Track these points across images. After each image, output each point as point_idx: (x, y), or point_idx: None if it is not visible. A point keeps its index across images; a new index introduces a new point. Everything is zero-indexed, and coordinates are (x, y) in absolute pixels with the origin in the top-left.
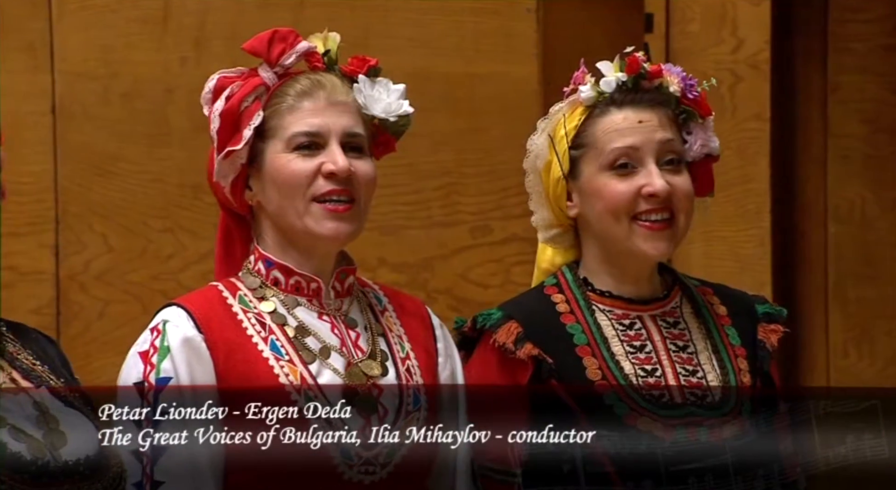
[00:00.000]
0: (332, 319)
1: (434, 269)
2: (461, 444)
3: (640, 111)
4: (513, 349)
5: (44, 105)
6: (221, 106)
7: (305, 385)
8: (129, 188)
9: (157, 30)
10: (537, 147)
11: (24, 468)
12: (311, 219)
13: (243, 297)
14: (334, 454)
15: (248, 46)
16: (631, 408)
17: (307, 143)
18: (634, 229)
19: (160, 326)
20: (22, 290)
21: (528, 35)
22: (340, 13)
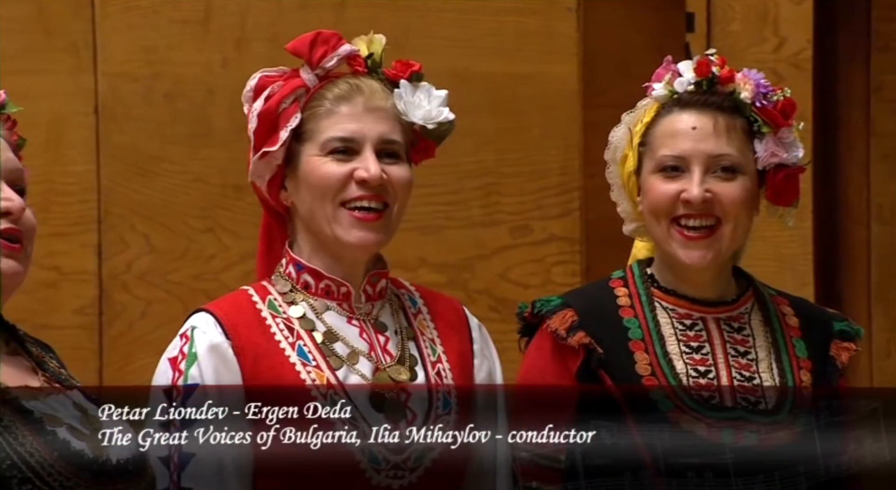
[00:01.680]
0: (361, 324)
1: (474, 269)
2: (500, 445)
3: (698, 116)
4: (564, 336)
5: (87, 106)
6: (260, 106)
7: (331, 389)
8: (171, 188)
9: (199, 31)
10: (617, 139)
11: (87, 466)
12: (339, 226)
13: (273, 302)
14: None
15: (291, 47)
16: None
17: (342, 148)
18: (672, 234)
19: (188, 332)
20: (65, 289)
21: (569, 35)
22: (381, 13)
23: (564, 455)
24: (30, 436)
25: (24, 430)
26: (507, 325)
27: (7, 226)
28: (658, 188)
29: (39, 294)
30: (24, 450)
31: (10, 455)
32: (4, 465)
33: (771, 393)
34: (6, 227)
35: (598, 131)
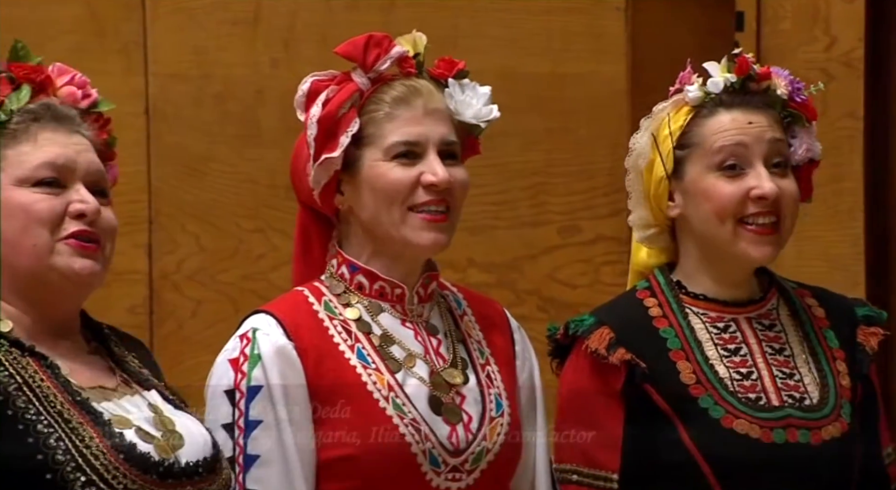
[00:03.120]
0: (415, 326)
1: (522, 269)
2: (541, 445)
3: (749, 113)
4: (605, 354)
5: (138, 106)
6: (319, 112)
7: (392, 391)
8: (221, 189)
9: (248, 31)
10: (640, 146)
11: (153, 469)
12: (408, 229)
13: (328, 304)
14: (422, 461)
15: (343, 50)
16: (727, 411)
17: (406, 152)
18: (740, 233)
19: (250, 334)
20: (117, 289)
21: (617, 34)
22: (429, 14)
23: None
24: (97, 438)
25: (92, 432)
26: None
27: (81, 227)
28: (723, 189)
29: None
30: (90, 452)
31: (75, 457)
32: (69, 468)
33: (814, 388)
34: (79, 229)
35: None
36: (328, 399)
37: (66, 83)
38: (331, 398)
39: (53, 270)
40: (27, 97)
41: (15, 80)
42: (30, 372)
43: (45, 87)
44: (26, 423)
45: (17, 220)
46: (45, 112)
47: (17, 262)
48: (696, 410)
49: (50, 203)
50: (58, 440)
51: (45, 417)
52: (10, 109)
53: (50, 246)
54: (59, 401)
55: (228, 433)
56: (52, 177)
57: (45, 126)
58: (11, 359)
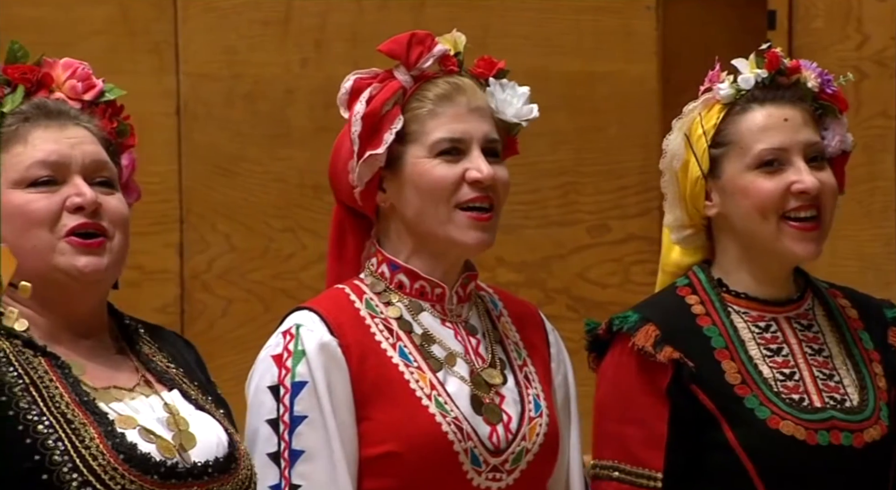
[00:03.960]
0: (454, 326)
1: (552, 268)
2: (574, 445)
3: (783, 108)
4: (652, 352)
5: (169, 106)
6: (363, 109)
7: (434, 390)
8: (251, 188)
9: (279, 31)
10: (673, 147)
11: (154, 469)
12: (454, 227)
13: (370, 302)
14: (464, 460)
15: (386, 48)
16: (773, 411)
17: (450, 149)
18: (783, 229)
19: (293, 330)
20: (148, 288)
21: (648, 33)
22: (460, 13)
23: (662, 473)
24: (98, 439)
25: (94, 433)
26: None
27: (80, 221)
28: (763, 185)
29: (122, 293)
30: (89, 453)
31: (73, 458)
32: (65, 468)
33: (854, 390)
34: (79, 223)
35: None
36: (371, 396)
37: (68, 77)
38: (374, 395)
39: (58, 270)
40: (20, 98)
41: (10, 82)
42: (39, 372)
43: (44, 85)
44: (26, 423)
45: (15, 223)
46: (35, 111)
47: (22, 265)
48: (741, 411)
49: (45, 201)
50: (57, 441)
51: (46, 418)
52: (2, 112)
53: (51, 245)
54: (64, 401)
55: (272, 428)
56: (46, 175)
57: (37, 124)
58: (23, 359)
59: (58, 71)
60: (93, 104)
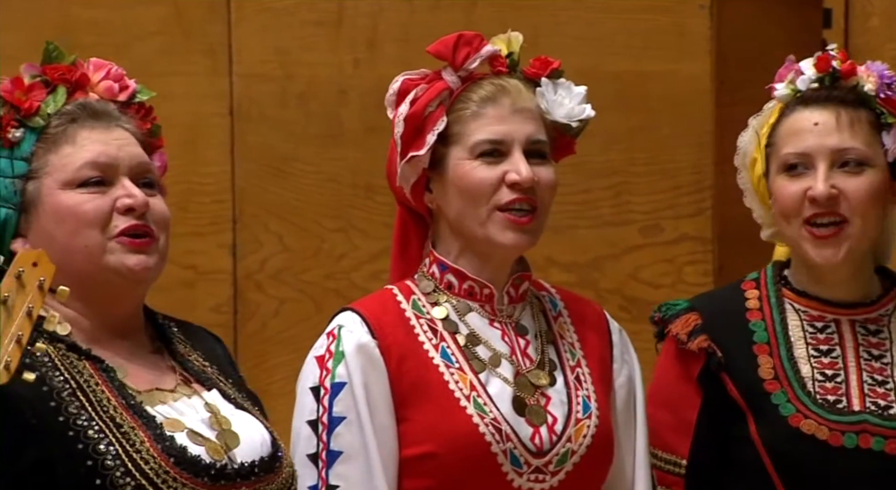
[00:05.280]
0: (502, 326)
1: (604, 268)
2: (641, 448)
3: (821, 111)
4: (685, 340)
5: (222, 107)
6: (406, 110)
7: (474, 391)
8: (304, 188)
9: (332, 32)
10: (745, 143)
11: (204, 471)
12: (493, 227)
13: (417, 302)
14: (503, 461)
15: (433, 49)
16: (798, 409)
17: (491, 150)
18: (803, 234)
19: (335, 331)
20: (202, 288)
21: (701, 32)
22: (511, 13)
23: (686, 460)
24: (147, 442)
25: (143, 437)
26: (637, 325)
27: (130, 222)
28: (785, 189)
29: (177, 293)
30: (140, 457)
31: (125, 462)
32: (118, 473)
33: None
34: (129, 225)
35: (732, 129)
36: (410, 397)
37: (102, 78)
38: (412, 396)
39: (108, 269)
40: (63, 99)
41: (50, 82)
42: (85, 376)
43: (81, 85)
44: (77, 429)
45: (66, 224)
46: (81, 111)
47: (72, 265)
48: (767, 406)
49: (96, 202)
50: (108, 445)
51: (96, 422)
52: (48, 113)
53: (102, 245)
54: (112, 405)
55: (313, 429)
56: (96, 176)
57: (84, 125)
58: (68, 363)
59: (90, 71)
60: (126, 105)
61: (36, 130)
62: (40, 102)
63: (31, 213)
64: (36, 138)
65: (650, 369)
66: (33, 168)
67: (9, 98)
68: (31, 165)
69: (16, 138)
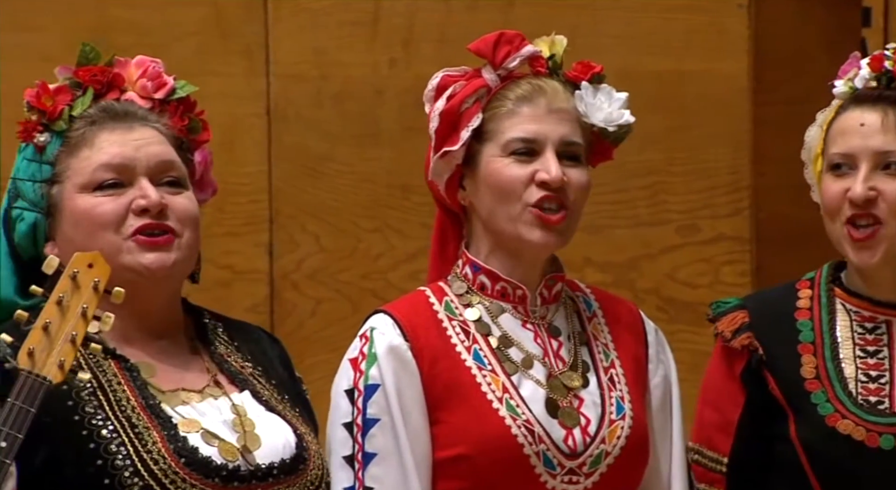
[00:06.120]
0: (535, 328)
1: (641, 268)
2: (678, 449)
3: (870, 112)
4: (729, 338)
5: (259, 107)
6: (442, 105)
7: (507, 393)
8: (340, 188)
9: (368, 32)
10: (810, 138)
11: (215, 472)
12: (521, 224)
13: (449, 304)
14: (536, 463)
15: (474, 47)
16: (836, 409)
17: (523, 149)
18: (844, 234)
19: (368, 334)
20: (238, 288)
21: (740, 31)
22: (549, 12)
23: (728, 457)
24: (160, 442)
25: (156, 437)
26: (674, 325)
27: (144, 222)
28: (828, 188)
29: (214, 293)
30: (150, 457)
31: (134, 462)
32: (127, 473)
33: None
34: (143, 224)
35: (769, 129)
36: (442, 399)
37: (140, 77)
38: (445, 398)
39: (126, 269)
40: (89, 101)
41: (80, 85)
42: (108, 375)
43: (114, 86)
44: (90, 428)
45: (83, 227)
46: (101, 114)
47: None
48: (806, 405)
49: (111, 204)
50: (119, 445)
51: (111, 422)
52: (70, 116)
53: (118, 246)
54: (130, 405)
55: (348, 431)
56: (111, 178)
57: (103, 127)
58: (94, 361)
59: (130, 70)
60: (164, 102)
61: (60, 134)
62: (64, 106)
63: (56, 217)
64: (60, 142)
65: (687, 369)
66: (56, 172)
67: (35, 103)
68: (55, 169)
69: (41, 143)
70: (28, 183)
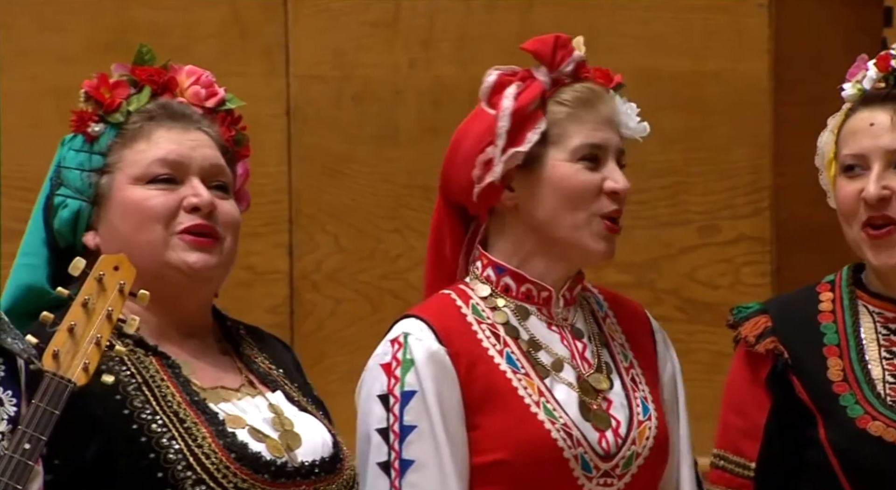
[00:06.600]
0: (560, 330)
1: (661, 269)
2: (685, 446)
3: (879, 112)
4: (753, 343)
5: (279, 108)
6: (511, 105)
7: (543, 397)
8: (359, 189)
9: (388, 32)
10: (822, 144)
11: (265, 468)
12: (588, 234)
13: (476, 307)
14: (574, 467)
15: (532, 47)
16: (866, 411)
17: (592, 155)
18: (862, 236)
19: (401, 339)
20: (258, 289)
21: (760, 31)
22: (567, 13)
23: (755, 462)
24: (209, 438)
25: (205, 432)
26: (694, 325)
27: (195, 221)
28: (842, 190)
29: (234, 293)
30: (202, 452)
31: (186, 456)
32: (180, 466)
33: None
34: (194, 223)
35: (790, 129)
36: (480, 404)
37: (192, 83)
38: (483, 403)
39: (169, 266)
40: (146, 98)
41: (137, 82)
42: (151, 372)
43: (168, 89)
44: (141, 422)
45: (132, 218)
46: (160, 111)
47: (135, 259)
48: (835, 408)
49: (163, 198)
50: (170, 439)
51: (160, 417)
52: (128, 111)
53: (165, 241)
54: (176, 400)
55: (383, 438)
56: (166, 173)
57: (161, 124)
58: (135, 358)
59: (182, 77)
60: (213, 111)
61: (115, 126)
62: (122, 99)
63: (102, 206)
64: (115, 134)
65: (706, 370)
66: (108, 162)
67: (93, 93)
68: (107, 160)
69: (95, 133)
70: (75, 171)
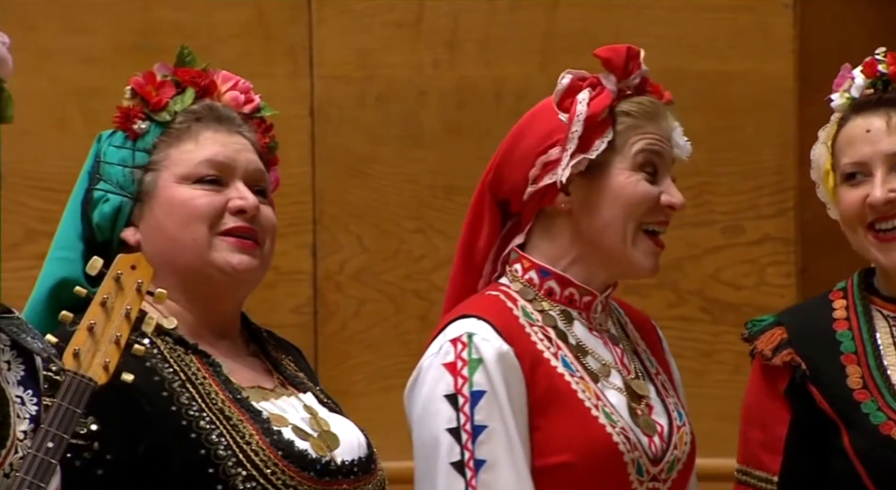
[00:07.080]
0: (601, 335)
1: (685, 269)
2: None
3: (873, 117)
4: (770, 356)
5: (303, 108)
6: (585, 110)
7: (600, 401)
8: (383, 189)
9: (411, 33)
10: (816, 156)
11: (311, 465)
12: (638, 250)
13: (525, 309)
14: (630, 471)
15: (605, 54)
16: (889, 417)
17: (651, 167)
18: (869, 239)
19: (464, 339)
20: (282, 289)
21: (785, 31)
22: (592, 13)
23: (778, 476)
24: (256, 435)
25: (252, 430)
26: (718, 326)
27: (239, 223)
28: (846, 197)
29: (258, 294)
30: (250, 449)
31: (236, 453)
32: (230, 462)
33: None
34: (238, 225)
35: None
36: (543, 405)
37: (229, 88)
38: (546, 405)
39: (212, 266)
40: (191, 99)
41: (180, 83)
42: (193, 369)
43: (209, 92)
44: (189, 419)
45: (178, 216)
46: (207, 112)
47: (178, 257)
48: (857, 416)
49: (210, 199)
50: (219, 436)
51: (206, 414)
52: (174, 111)
53: (209, 241)
54: (220, 398)
55: (454, 438)
56: (212, 174)
57: (208, 126)
58: (176, 356)
59: (218, 80)
60: (249, 117)
61: (161, 124)
62: (169, 99)
63: (145, 203)
64: (160, 132)
65: (730, 371)
66: (153, 160)
67: (140, 91)
68: (152, 157)
69: (141, 130)
70: (117, 167)
